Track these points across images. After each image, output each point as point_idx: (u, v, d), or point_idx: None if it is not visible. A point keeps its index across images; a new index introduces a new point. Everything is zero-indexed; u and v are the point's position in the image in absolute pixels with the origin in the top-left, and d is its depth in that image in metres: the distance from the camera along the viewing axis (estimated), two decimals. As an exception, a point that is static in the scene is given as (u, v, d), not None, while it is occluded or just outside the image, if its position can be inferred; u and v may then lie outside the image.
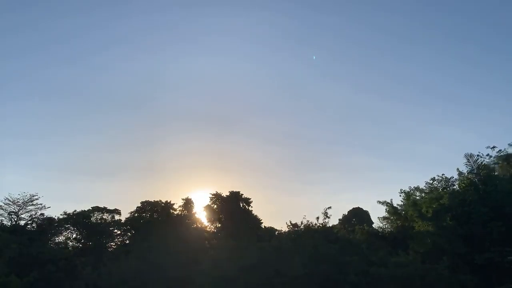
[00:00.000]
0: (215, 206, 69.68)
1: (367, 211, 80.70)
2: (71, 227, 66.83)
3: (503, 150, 53.19)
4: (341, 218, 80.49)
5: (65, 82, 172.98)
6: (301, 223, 52.19)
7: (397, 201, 60.61)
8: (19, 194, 65.63)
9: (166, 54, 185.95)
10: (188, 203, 70.07)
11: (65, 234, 66.83)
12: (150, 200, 70.50)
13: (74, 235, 66.97)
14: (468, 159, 53.55)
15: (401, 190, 58.71)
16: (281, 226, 72.23)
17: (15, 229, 62.20)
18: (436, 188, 57.23)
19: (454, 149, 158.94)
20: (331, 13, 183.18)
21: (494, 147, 53.71)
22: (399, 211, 58.97)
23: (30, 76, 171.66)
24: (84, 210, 67.59)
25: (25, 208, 65.83)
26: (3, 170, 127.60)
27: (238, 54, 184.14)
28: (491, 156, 53.63)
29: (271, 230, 68.44)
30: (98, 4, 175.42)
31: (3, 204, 64.69)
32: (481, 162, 53.13)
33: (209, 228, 69.46)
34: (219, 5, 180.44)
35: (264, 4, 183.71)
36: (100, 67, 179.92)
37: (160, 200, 70.34)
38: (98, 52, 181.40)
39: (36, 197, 66.27)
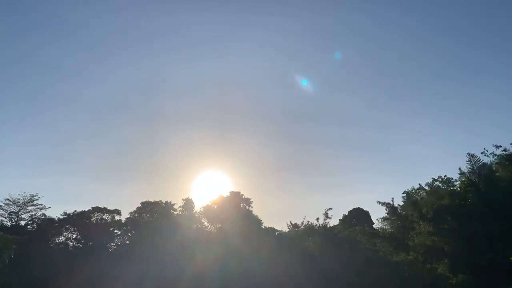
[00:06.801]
0: (216, 206, 69.63)
1: (368, 212, 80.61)
2: (71, 227, 66.94)
3: (507, 149, 52.87)
4: (341, 218, 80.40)
5: (67, 87, 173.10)
6: (302, 223, 52.29)
7: (398, 201, 60.61)
8: (19, 195, 66.06)
9: (165, 57, 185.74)
10: (188, 203, 70.09)
11: (65, 234, 67.02)
12: (150, 200, 70.69)
13: (74, 235, 67.05)
14: (470, 159, 53.38)
15: (403, 192, 58.78)
16: (282, 226, 72.01)
17: (15, 229, 62.30)
18: (437, 188, 57.07)
19: (455, 150, 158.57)
20: (333, 15, 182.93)
21: (499, 146, 53.51)
22: (399, 212, 58.92)
23: (35, 83, 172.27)
24: (84, 211, 67.73)
25: (25, 209, 66.13)
26: (4, 170, 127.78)
27: (237, 55, 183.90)
28: (495, 155, 53.41)
29: (271, 230, 68.31)
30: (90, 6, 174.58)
31: (3, 205, 65.09)
32: (483, 162, 52.96)
33: (210, 228, 69.42)
34: (220, 11, 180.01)
35: (262, 8, 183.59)
36: (100, 69, 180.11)
37: (160, 200, 70.47)
38: (98, 59, 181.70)
39: (36, 197, 66.66)
